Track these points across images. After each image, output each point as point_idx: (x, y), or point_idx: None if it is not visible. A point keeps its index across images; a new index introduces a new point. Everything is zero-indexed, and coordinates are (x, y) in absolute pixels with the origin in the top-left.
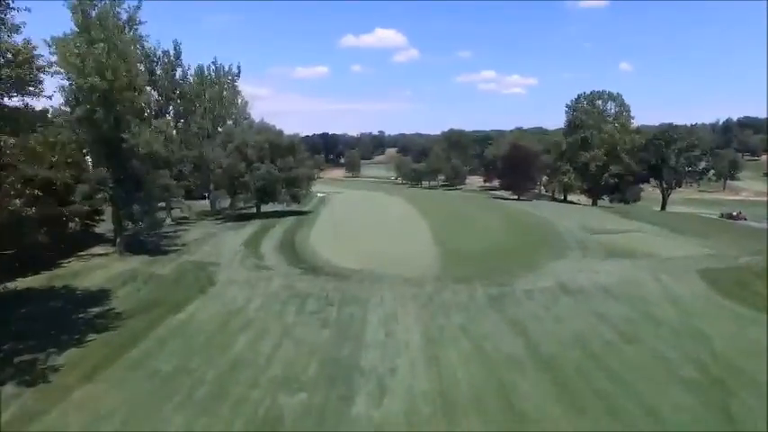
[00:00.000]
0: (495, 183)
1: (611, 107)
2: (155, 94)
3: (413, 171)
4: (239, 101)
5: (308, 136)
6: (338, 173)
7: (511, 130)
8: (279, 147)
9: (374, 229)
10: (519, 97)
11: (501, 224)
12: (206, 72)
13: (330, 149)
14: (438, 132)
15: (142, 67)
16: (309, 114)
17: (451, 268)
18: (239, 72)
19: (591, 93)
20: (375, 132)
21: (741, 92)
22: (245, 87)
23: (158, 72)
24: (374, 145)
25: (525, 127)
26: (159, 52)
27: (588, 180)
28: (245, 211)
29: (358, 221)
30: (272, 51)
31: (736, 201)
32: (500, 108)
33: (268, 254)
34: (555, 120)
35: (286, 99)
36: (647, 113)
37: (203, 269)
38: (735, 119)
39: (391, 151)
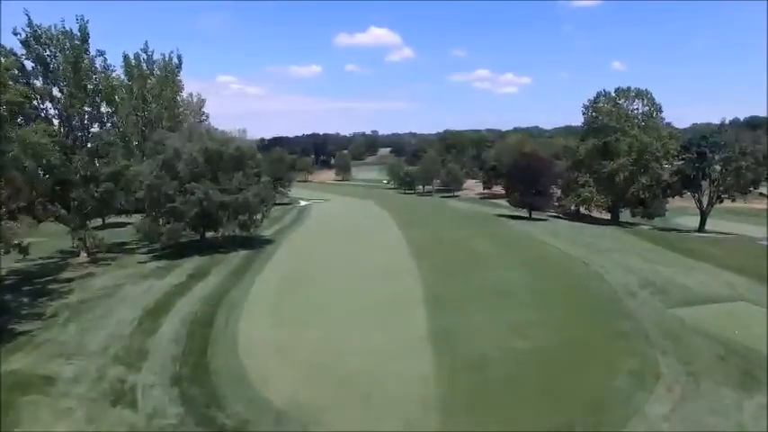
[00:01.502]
0: (495, 189)
1: (639, 106)
2: (54, 90)
3: (406, 175)
4: (184, 99)
5: (297, 137)
6: (328, 175)
7: (507, 130)
8: (225, 160)
9: (345, 293)
10: (513, 96)
11: (528, 281)
12: (135, 62)
13: (320, 150)
14: (433, 132)
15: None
16: (303, 114)
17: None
18: (180, 64)
19: (616, 90)
20: (368, 132)
21: (738, 90)
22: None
23: (58, 60)
24: (367, 145)
25: (521, 126)
26: (55, 33)
27: (612, 193)
28: (190, 237)
29: (324, 269)
30: (266, 50)
31: None
32: (494, 107)
33: (157, 356)
34: (551, 119)
35: (280, 98)
36: None
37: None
38: (741, 118)
39: (384, 151)
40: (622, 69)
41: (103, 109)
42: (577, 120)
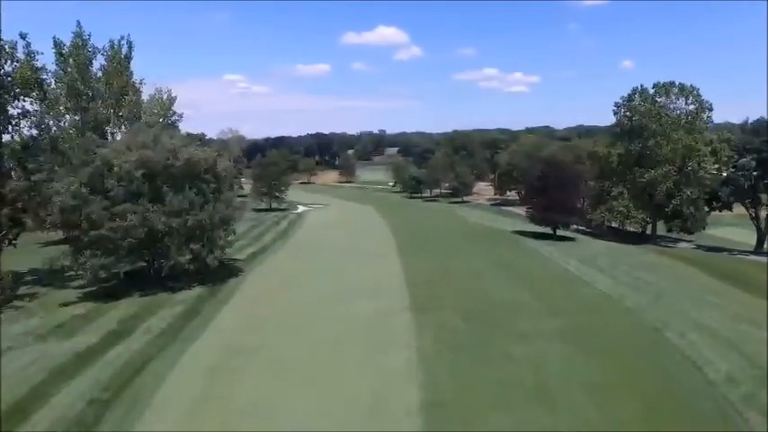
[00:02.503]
0: (508, 195)
1: (683, 104)
2: None
3: (412, 179)
4: (152, 95)
5: (300, 136)
6: (332, 176)
7: (518, 130)
8: (173, 174)
9: (300, 384)
10: (521, 95)
11: (577, 366)
12: (71, 49)
13: (324, 150)
14: (440, 131)
15: None
16: (310, 113)
17: None
18: (131, 51)
19: (654, 86)
20: (375, 131)
21: (751, 91)
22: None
23: None
24: (374, 144)
25: (531, 126)
26: None
27: (649, 206)
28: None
29: (283, 332)
30: (272, 49)
31: None
32: (503, 106)
33: None
34: (562, 118)
35: (287, 97)
36: None
37: None
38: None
39: (392, 151)
40: (632, 68)
41: (30, 106)
42: (591, 119)
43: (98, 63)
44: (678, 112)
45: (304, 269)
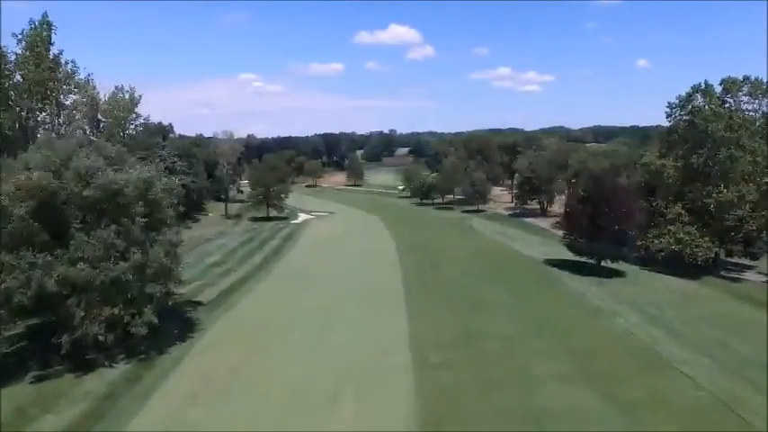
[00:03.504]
0: (526, 204)
1: (762, 105)
2: None
3: (424, 185)
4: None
5: (307, 137)
6: (340, 178)
7: (532, 130)
8: (82, 206)
9: None
10: (535, 95)
11: None
12: None
13: (332, 151)
14: (453, 131)
15: None
16: (323, 112)
17: None
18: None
19: (722, 82)
20: (386, 131)
21: None
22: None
23: None
24: (384, 144)
25: (546, 126)
26: None
27: (717, 231)
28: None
29: None
30: (287, 48)
31: None
32: (516, 106)
33: None
34: (577, 119)
35: (301, 96)
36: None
37: None
38: None
39: (403, 151)
40: (648, 67)
41: None
42: (607, 119)
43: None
44: (753, 114)
45: (278, 328)
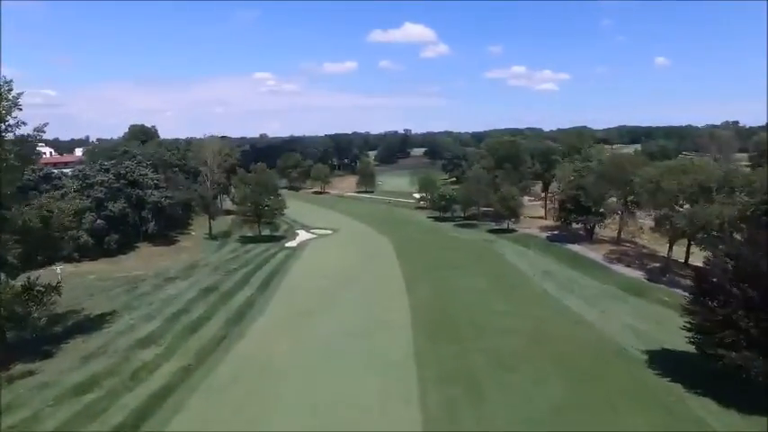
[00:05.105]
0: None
1: None
2: None
3: (442, 198)
4: None
5: (315, 136)
6: (350, 183)
7: (550, 130)
8: None
9: None
10: (551, 93)
11: None
12: None
13: (343, 153)
14: (468, 130)
15: None
16: (335, 111)
17: None
18: None
19: None
20: (401, 131)
21: None
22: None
23: None
24: (398, 145)
25: (563, 126)
26: None
27: None
28: None
29: None
30: (301, 47)
31: None
32: (531, 104)
33: None
34: (599, 118)
35: (314, 95)
36: (686, 112)
37: None
38: None
39: (418, 151)
40: (666, 64)
41: None
42: (631, 119)
43: None
44: None
45: None
